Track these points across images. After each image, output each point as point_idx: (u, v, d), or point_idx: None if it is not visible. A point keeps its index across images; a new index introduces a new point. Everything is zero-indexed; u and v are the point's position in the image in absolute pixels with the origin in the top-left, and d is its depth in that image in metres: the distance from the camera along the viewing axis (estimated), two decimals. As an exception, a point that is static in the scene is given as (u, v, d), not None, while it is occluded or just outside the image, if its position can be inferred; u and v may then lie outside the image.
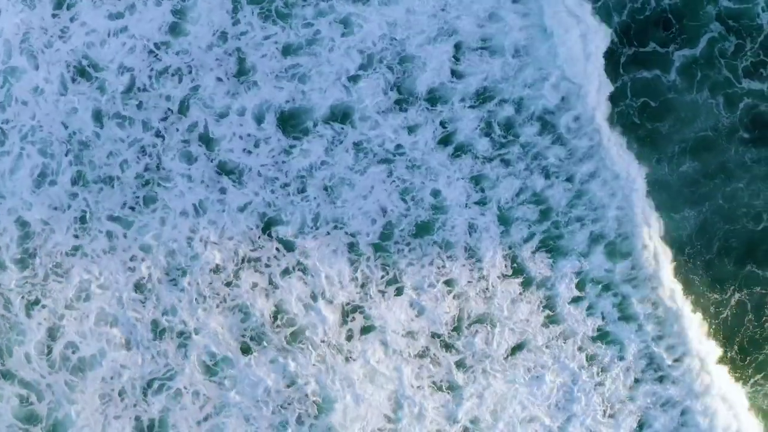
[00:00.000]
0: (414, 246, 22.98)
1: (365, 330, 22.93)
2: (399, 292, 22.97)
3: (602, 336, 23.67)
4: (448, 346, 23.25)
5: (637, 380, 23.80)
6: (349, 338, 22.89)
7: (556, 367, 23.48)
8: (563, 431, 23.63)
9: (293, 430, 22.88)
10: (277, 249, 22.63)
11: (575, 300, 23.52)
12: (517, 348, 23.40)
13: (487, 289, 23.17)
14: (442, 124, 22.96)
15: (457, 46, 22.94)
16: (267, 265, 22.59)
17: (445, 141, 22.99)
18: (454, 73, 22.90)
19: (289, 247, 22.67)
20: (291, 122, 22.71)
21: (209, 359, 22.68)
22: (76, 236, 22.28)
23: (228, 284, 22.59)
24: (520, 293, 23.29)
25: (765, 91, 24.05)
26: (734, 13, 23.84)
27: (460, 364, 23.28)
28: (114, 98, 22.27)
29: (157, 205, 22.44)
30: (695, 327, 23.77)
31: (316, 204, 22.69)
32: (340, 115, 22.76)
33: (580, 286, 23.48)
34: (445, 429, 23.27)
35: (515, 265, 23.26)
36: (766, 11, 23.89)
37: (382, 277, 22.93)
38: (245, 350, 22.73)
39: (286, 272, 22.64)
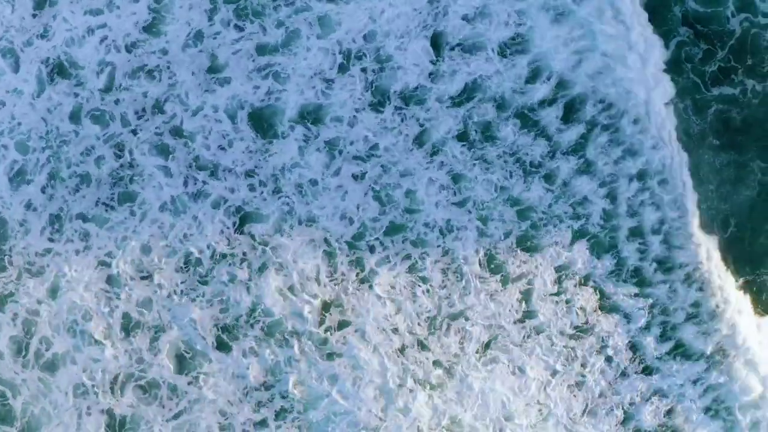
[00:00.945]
0: (389, 245, 22.95)
1: (342, 325, 22.86)
2: (374, 288, 22.89)
3: (583, 330, 23.66)
4: (424, 345, 23.19)
5: (621, 374, 23.79)
6: (326, 335, 22.83)
7: (534, 363, 23.43)
8: (542, 429, 23.58)
9: (274, 426, 22.75)
10: (253, 245, 22.60)
11: (554, 294, 23.42)
12: (494, 345, 23.33)
13: (465, 287, 23.15)
14: (420, 123, 22.86)
15: (441, 43, 22.62)
16: (243, 260, 22.56)
17: (422, 140, 22.89)
18: (434, 71, 22.70)
19: (264, 243, 22.61)
20: (265, 121, 22.72)
21: (185, 353, 22.57)
22: (51, 233, 22.19)
23: (204, 279, 22.55)
24: (498, 290, 23.23)
25: (737, 95, 24.22)
26: (703, 17, 23.88)
27: (437, 363, 23.23)
28: (93, 95, 22.32)
29: (132, 202, 22.39)
30: (685, 317, 23.82)
31: (291, 201, 22.67)
32: (315, 114, 22.73)
33: (559, 280, 23.41)
34: (428, 428, 23.16)
35: (493, 263, 23.22)
36: (737, 16, 24.00)
37: (358, 274, 22.88)
38: (222, 345, 22.65)
39: (262, 268, 22.60)
